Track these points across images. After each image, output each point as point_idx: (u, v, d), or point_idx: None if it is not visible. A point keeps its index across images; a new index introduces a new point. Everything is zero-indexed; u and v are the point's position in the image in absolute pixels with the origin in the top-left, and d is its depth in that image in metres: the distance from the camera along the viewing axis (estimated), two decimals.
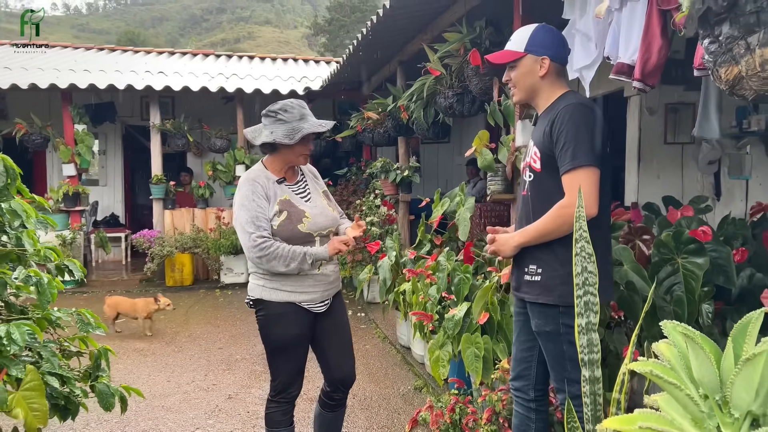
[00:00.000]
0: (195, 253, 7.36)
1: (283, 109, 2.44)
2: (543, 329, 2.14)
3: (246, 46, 78.68)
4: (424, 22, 4.79)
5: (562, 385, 2.13)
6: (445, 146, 9.27)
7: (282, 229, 2.40)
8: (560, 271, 2.07)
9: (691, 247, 2.96)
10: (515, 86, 2.22)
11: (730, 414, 1.25)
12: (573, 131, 2.00)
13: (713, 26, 1.19)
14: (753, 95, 1.19)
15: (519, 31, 2.25)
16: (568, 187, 2.02)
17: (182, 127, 7.52)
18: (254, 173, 2.49)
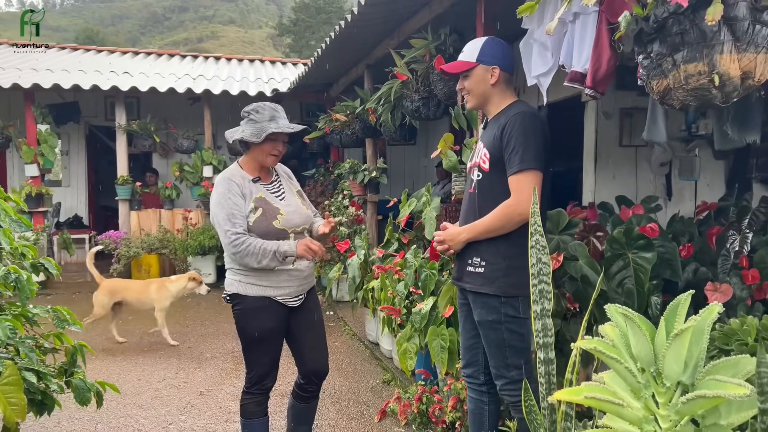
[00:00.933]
0: (162, 254, 7.35)
1: (254, 110, 2.56)
2: (485, 319, 2.30)
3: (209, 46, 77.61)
4: (391, 28, 4.94)
5: (503, 371, 2.28)
6: (412, 148, 9.45)
7: (257, 225, 2.50)
8: (502, 264, 2.25)
9: (640, 242, 3.18)
10: (469, 94, 2.41)
11: (663, 384, 1.42)
12: (522, 137, 2.19)
13: (646, 44, 1.36)
14: (680, 105, 1.37)
15: (470, 43, 2.44)
16: (514, 187, 2.21)
17: (149, 127, 7.50)
18: (230, 172, 2.59)
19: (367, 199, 6.12)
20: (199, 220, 7.66)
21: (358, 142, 6.18)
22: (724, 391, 1.28)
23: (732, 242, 3.66)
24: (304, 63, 11.01)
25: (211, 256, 7.38)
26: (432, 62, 3.74)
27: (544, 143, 2.25)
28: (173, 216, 7.69)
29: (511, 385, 2.27)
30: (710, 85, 1.26)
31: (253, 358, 2.63)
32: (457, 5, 3.88)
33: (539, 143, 2.22)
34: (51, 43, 10.35)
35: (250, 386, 2.65)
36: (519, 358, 2.28)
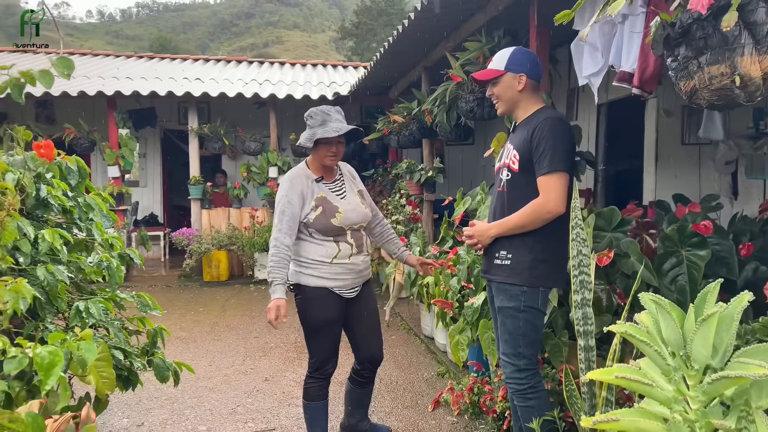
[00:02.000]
0: (230, 250, 7.75)
1: (309, 116, 2.76)
2: (505, 305, 2.41)
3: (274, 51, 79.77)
4: (447, 31, 5.06)
5: (513, 359, 2.38)
6: (470, 148, 9.51)
7: (317, 222, 2.70)
8: (528, 257, 2.36)
9: (694, 240, 3.18)
10: (498, 100, 2.55)
11: (692, 367, 1.51)
12: (551, 141, 2.31)
13: (673, 48, 1.46)
14: (707, 104, 1.46)
15: (500, 53, 2.58)
16: (543, 187, 2.32)
17: (219, 131, 7.93)
18: (295, 171, 2.79)
19: (423, 198, 6.26)
20: (264, 219, 8.02)
21: (415, 142, 6.34)
22: (746, 372, 1.36)
23: None
24: (364, 66, 11.28)
25: None
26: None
27: (572, 147, 2.38)
28: (241, 214, 8.09)
29: (519, 374, 2.37)
30: (732, 86, 1.34)
31: (313, 344, 2.82)
32: (511, 8, 3.97)
33: (566, 147, 2.35)
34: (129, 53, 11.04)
35: (312, 371, 2.84)
36: (530, 348, 2.38)
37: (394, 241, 3.11)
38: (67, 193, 2.55)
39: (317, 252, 2.73)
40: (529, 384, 2.28)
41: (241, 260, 7.94)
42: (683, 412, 1.53)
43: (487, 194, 4.56)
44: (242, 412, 3.71)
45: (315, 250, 2.73)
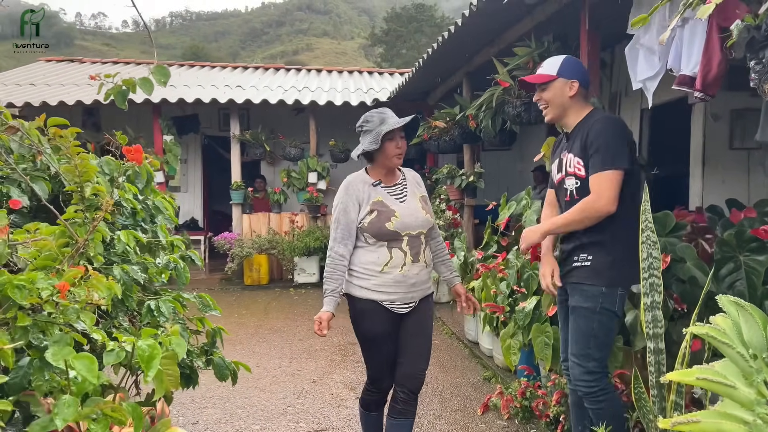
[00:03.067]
0: (271, 254, 7.87)
1: (365, 121, 2.65)
2: (581, 305, 2.40)
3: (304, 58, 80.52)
4: (491, 36, 5.09)
5: (582, 360, 2.38)
6: (506, 154, 9.48)
7: (371, 226, 2.56)
8: (608, 258, 2.36)
9: (753, 245, 3.14)
10: (547, 105, 2.54)
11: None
12: (603, 139, 2.32)
13: (758, 51, 1.47)
14: None
15: (550, 59, 2.59)
16: (593, 186, 2.33)
17: (260, 137, 8.08)
18: (353, 177, 2.70)
19: (464, 203, 6.28)
20: (304, 223, 8.13)
21: (455, 147, 6.36)
22: None
23: None
24: (400, 73, 11.36)
25: (315, 256, 7.81)
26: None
27: (626, 145, 2.36)
28: (281, 219, 8.21)
29: (588, 376, 2.36)
30: None
31: (366, 357, 2.73)
32: (559, 13, 3.98)
33: (619, 144, 2.34)
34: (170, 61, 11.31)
35: (369, 383, 2.76)
36: (600, 351, 2.37)
37: (447, 263, 2.89)
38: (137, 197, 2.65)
39: (368, 259, 2.59)
40: (599, 386, 2.28)
41: (281, 264, 8.06)
42: (765, 414, 1.52)
43: (532, 198, 4.56)
44: (293, 413, 3.78)
45: (366, 257, 2.59)
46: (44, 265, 1.67)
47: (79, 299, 1.52)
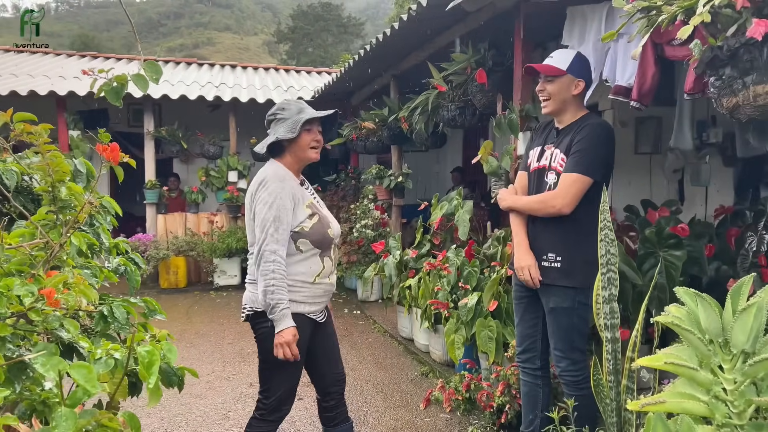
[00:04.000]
0: (189, 256, 7.58)
1: (281, 109, 2.37)
2: (560, 306, 2.55)
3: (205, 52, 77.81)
4: (422, 40, 5.22)
5: (568, 353, 2.54)
6: (424, 155, 9.71)
7: (314, 231, 2.32)
8: (577, 259, 2.52)
9: (671, 242, 3.46)
10: (549, 98, 2.59)
11: (729, 352, 1.69)
12: (586, 144, 2.46)
13: (718, 68, 1.65)
14: (746, 118, 1.65)
15: (561, 51, 2.65)
16: (560, 183, 2.48)
17: (177, 134, 7.74)
18: (283, 172, 2.35)
19: (392, 203, 6.39)
20: (224, 224, 7.90)
21: (383, 148, 6.45)
22: None
23: (750, 243, 3.96)
24: (318, 72, 11.31)
25: (237, 258, 7.62)
26: (473, 74, 4.02)
27: (607, 155, 2.50)
28: (199, 219, 7.93)
29: (573, 366, 2.53)
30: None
31: (278, 381, 2.33)
32: (491, 21, 4.15)
33: (600, 154, 2.47)
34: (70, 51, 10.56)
35: (266, 413, 2.35)
36: (582, 341, 2.56)
37: None
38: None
39: (298, 270, 2.29)
40: (583, 375, 2.43)
41: (199, 266, 7.78)
42: (720, 392, 1.71)
43: (463, 199, 4.74)
44: (235, 417, 3.69)
45: (296, 269, 2.29)
46: (18, 270, 1.55)
47: (68, 306, 1.43)
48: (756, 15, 1.48)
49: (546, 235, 2.54)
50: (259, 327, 2.30)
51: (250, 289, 2.35)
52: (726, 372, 1.70)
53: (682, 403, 1.74)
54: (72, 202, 1.68)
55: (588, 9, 3.23)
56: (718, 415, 1.66)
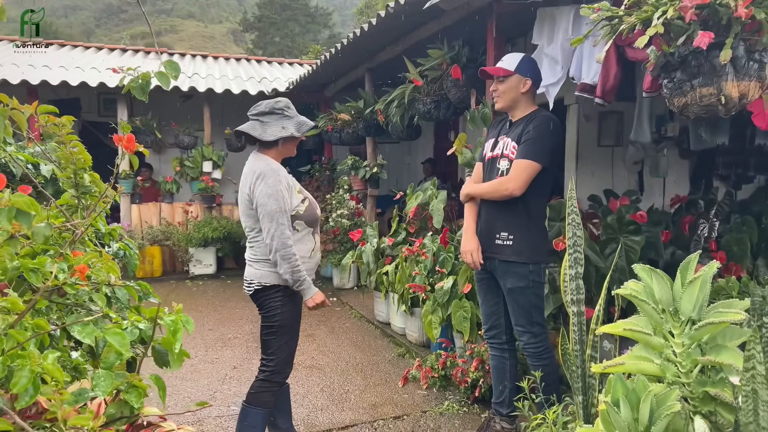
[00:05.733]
0: (164, 246, 7.63)
1: (287, 107, 2.65)
2: (516, 285, 2.81)
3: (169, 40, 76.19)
4: (398, 35, 5.40)
5: (528, 328, 2.81)
6: (396, 146, 9.94)
7: (307, 213, 2.65)
8: (527, 237, 2.78)
9: (631, 228, 3.74)
10: (500, 96, 2.89)
11: (679, 319, 1.95)
12: (537, 134, 2.73)
13: (670, 72, 1.89)
14: (694, 116, 1.90)
15: (510, 55, 2.94)
16: (512, 169, 2.75)
17: (151, 124, 7.76)
18: (274, 164, 2.62)
19: (367, 194, 6.57)
20: (199, 214, 7.96)
21: (358, 139, 6.62)
22: (727, 318, 1.81)
23: (702, 229, 4.29)
24: (289, 63, 11.38)
25: (213, 247, 7.70)
26: (448, 70, 4.23)
27: (555, 145, 2.79)
28: (173, 209, 7.97)
29: (534, 339, 2.80)
30: (718, 103, 1.79)
31: (281, 343, 2.67)
32: (465, 19, 4.36)
33: (549, 143, 2.75)
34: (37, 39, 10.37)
35: (271, 374, 2.68)
36: (540, 315, 2.83)
37: None
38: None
39: (298, 249, 2.62)
40: (544, 346, 2.70)
41: (175, 256, 7.84)
42: (670, 354, 1.96)
43: (438, 189, 4.96)
44: (221, 397, 3.85)
45: (298, 247, 2.62)
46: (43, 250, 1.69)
47: (99, 281, 1.58)
48: (702, 27, 1.72)
49: (499, 217, 2.81)
50: (266, 299, 2.64)
51: (255, 267, 2.65)
52: (676, 337, 1.95)
53: (639, 365, 1.99)
54: (92, 188, 1.82)
55: (557, 11, 3.46)
56: (668, 375, 1.92)
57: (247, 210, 2.63)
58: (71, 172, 1.76)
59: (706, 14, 1.70)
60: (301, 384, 4.04)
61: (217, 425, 3.46)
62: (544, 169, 2.74)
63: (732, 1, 1.60)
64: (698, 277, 1.91)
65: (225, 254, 7.92)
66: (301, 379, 4.12)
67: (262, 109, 2.64)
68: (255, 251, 2.67)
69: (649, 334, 1.96)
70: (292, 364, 2.77)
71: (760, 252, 4.05)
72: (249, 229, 2.67)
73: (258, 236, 2.64)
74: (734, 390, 1.79)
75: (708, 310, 1.94)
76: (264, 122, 2.62)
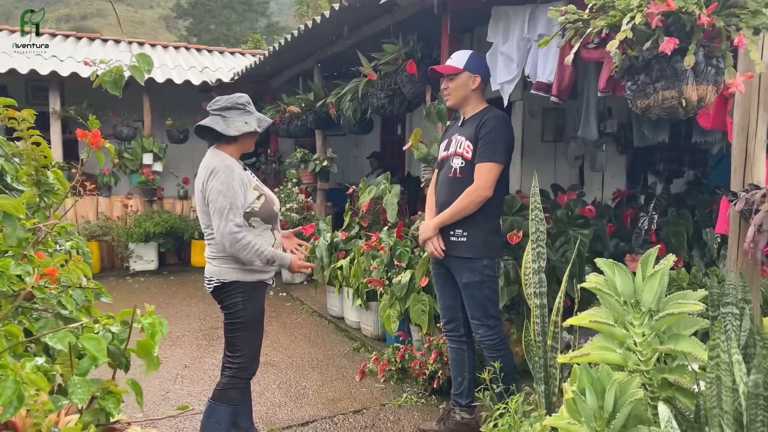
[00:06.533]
0: (102, 241, 7.31)
1: (248, 102, 2.64)
2: (472, 280, 2.87)
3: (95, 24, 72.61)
4: (349, 29, 5.37)
5: (484, 320, 2.89)
6: (343, 139, 9.88)
7: (264, 210, 2.59)
8: (481, 233, 2.84)
9: (579, 221, 3.90)
10: (450, 93, 2.95)
11: (639, 311, 2.05)
12: (494, 135, 2.79)
13: (634, 75, 1.97)
14: (656, 117, 2.00)
15: (459, 52, 2.99)
16: (478, 173, 2.81)
17: (86, 114, 7.39)
18: (229, 160, 2.58)
19: (317, 187, 6.52)
20: (139, 208, 7.67)
21: (307, 132, 6.56)
22: (685, 309, 1.92)
23: (642, 222, 4.52)
24: (231, 52, 11.10)
25: (154, 242, 7.44)
26: (403, 65, 4.25)
27: (511, 143, 2.86)
28: (112, 203, 7.64)
29: (490, 331, 2.88)
30: (678, 106, 1.88)
31: (245, 340, 2.64)
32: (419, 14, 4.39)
33: (506, 142, 2.83)
34: None
35: (237, 370, 2.64)
36: (495, 308, 2.90)
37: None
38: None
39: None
40: (499, 337, 2.76)
41: (113, 252, 7.53)
42: (632, 344, 2.06)
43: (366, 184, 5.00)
44: (174, 398, 3.75)
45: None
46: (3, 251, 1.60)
47: (69, 284, 1.50)
48: (666, 33, 1.81)
49: None
50: (227, 296, 2.59)
51: (213, 264, 2.60)
52: (636, 327, 2.05)
53: (602, 354, 2.09)
54: (55, 186, 1.73)
55: (512, 10, 3.54)
56: (630, 363, 2.02)
57: (202, 207, 2.59)
58: (32, 168, 1.66)
59: (670, 21, 1.79)
60: (257, 381, 3.97)
61: (172, 426, 3.37)
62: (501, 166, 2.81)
63: (696, 9, 1.69)
64: (658, 271, 2.01)
65: (167, 249, 7.67)
66: (257, 377, 4.02)
67: (223, 104, 2.60)
68: (212, 248, 2.63)
69: (612, 325, 2.05)
70: (258, 359, 2.75)
71: (695, 243, 4.31)
72: (205, 226, 2.62)
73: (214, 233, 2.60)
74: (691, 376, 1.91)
75: (665, 301, 2.05)
76: (226, 117, 2.58)
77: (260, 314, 2.71)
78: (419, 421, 3.35)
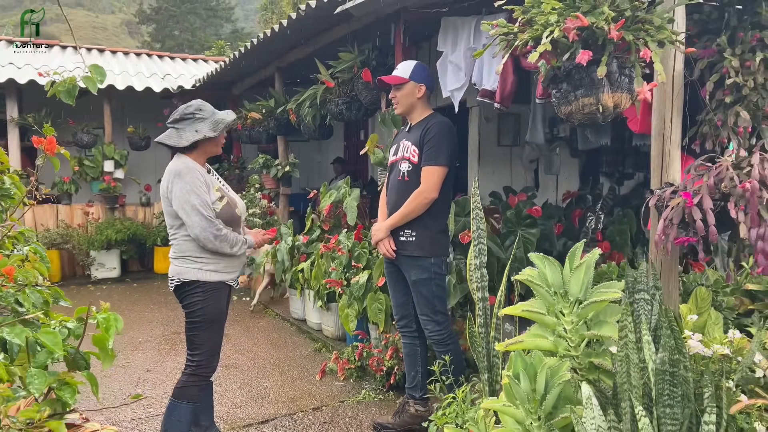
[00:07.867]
0: (63, 249, 7.25)
1: (198, 109, 2.70)
2: (420, 278, 3.03)
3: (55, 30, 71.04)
4: (307, 37, 5.50)
5: (432, 316, 3.04)
6: (306, 145, 9.97)
7: (224, 212, 2.67)
8: (428, 233, 3.01)
9: (527, 221, 4.09)
10: (398, 102, 3.12)
11: (568, 300, 2.22)
12: (437, 139, 2.96)
13: (558, 83, 2.15)
14: (578, 122, 2.18)
15: (404, 63, 3.16)
16: (424, 177, 2.97)
17: (45, 121, 7.33)
18: (191, 163, 2.66)
19: (280, 192, 6.61)
20: (100, 215, 7.63)
21: (269, 138, 6.65)
22: (607, 297, 2.10)
23: (589, 222, 4.75)
24: (193, 59, 11.09)
25: (116, 249, 7.41)
26: (359, 73, 4.40)
27: (454, 146, 3.03)
28: (72, 211, 7.58)
29: (438, 327, 3.03)
30: (596, 111, 2.07)
31: (204, 338, 2.71)
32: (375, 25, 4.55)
33: (449, 146, 2.99)
34: None
35: (197, 368, 2.72)
36: (442, 304, 3.06)
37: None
38: None
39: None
40: (447, 333, 2.91)
41: (74, 260, 7.47)
42: (562, 332, 2.23)
43: (329, 189, 5.14)
44: (135, 402, 3.80)
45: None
46: None
47: (27, 282, 1.59)
48: (583, 46, 1.99)
49: None
50: (187, 294, 2.68)
51: (175, 263, 2.71)
52: (566, 315, 2.23)
53: (535, 342, 2.26)
54: (11, 191, 1.81)
55: (459, 21, 3.72)
56: (560, 349, 2.19)
57: (168, 209, 2.70)
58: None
59: (586, 35, 1.97)
60: (219, 383, 4.05)
61: (134, 428, 3.43)
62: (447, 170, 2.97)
63: (605, 25, 1.87)
64: (583, 263, 2.19)
65: (130, 257, 7.65)
66: (219, 378, 4.12)
67: (175, 117, 2.71)
68: (174, 249, 2.73)
69: (543, 314, 2.22)
70: (218, 357, 2.82)
71: (638, 241, 4.55)
72: (169, 226, 2.74)
73: (177, 233, 2.71)
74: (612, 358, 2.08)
75: (592, 291, 2.23)
76: (179, 129, 2.69)
77: (220, 314, 2.78)
78: (376, 415, 3.48)
